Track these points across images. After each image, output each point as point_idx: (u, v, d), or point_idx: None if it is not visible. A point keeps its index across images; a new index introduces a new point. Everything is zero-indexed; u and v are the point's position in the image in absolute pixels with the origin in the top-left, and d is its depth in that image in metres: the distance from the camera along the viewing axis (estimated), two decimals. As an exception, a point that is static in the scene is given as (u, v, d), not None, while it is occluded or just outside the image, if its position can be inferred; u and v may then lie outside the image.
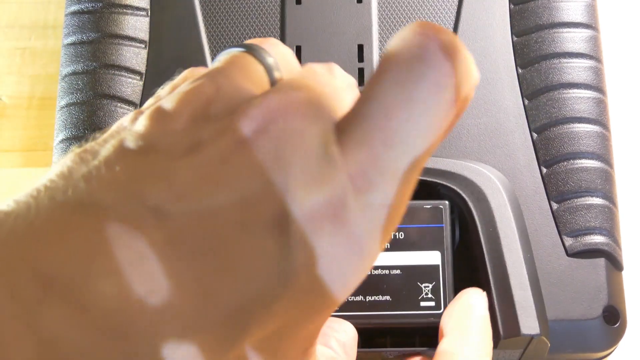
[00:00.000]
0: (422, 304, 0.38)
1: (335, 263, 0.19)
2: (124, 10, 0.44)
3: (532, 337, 0.37)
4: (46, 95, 0.54)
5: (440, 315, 0.37)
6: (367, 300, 0.38)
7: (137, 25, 0.44)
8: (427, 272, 0.38)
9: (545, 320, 0.38)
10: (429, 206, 0.39)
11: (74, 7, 0.44)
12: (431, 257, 0.38)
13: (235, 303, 0.18)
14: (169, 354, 0.17)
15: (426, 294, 0.38)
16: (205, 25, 0.45)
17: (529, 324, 0.37)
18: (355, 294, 0.40)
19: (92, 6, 0.44)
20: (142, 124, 0.19)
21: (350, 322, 0.35)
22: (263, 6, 0.45)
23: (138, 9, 0.45)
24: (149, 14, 0.45)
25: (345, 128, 0.19)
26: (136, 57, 0.44)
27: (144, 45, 0.44)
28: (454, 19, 0.44)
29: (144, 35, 0.44)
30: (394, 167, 0.19)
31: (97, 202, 0.17)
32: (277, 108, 0.19)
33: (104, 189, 0.18)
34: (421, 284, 0.38)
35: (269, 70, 0.22)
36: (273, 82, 0.22)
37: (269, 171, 0.18)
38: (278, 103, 0.19)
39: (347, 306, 0.37)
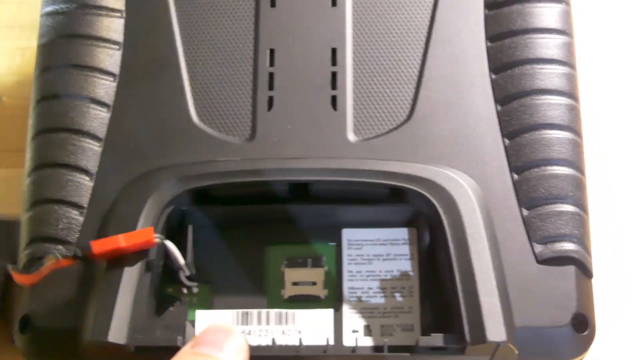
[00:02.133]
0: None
1: None
2: (99, 11, 0.44)
3: (498, 344, 0.37)
4: None
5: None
6: None
7: (112, 27, 0.44)
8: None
9: (512, 327, 0.38)
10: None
11: (49, 8, 0.45)
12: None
13: None
14: None
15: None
16: (180, 27, 0.45)
17: (495, 330, 0.37)
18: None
19: (67, 7, 0.44)
20: None
21: None
22: (237, 9, 0.45)
23: (113, 10, 0.45)
24: (124, 16, 0.45)
25: None
26: (110, 58, 0.44)
27: (118, 47, 0.44)
28: (428, 24, 0.44)
29: (119, 36, 0.44)
30: None
31: None
32: None
33: None
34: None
35: None
36: None
37: None
38: None
39: None
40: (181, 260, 0.40)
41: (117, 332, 0.37)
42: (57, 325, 0.39)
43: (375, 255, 0.42)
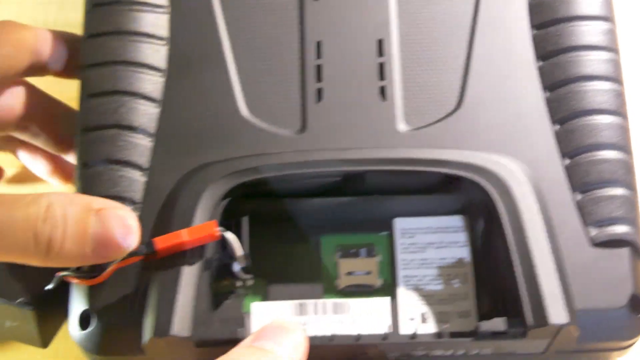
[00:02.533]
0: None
1: None
2: (144, 7, 0.44)
3: (560, 326, 0.37)
4: (33, 80, 0.54)
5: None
6: None
7: (157, 22, 0.44)
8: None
9: (573, 310, 0.38)
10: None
11: (94, 4, 0.44)
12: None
13: None
14: None
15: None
16: (225, 21, 0.45)
17: (557, 313, 0.37)
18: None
19: (112, 4, 0.44)
20: None
21: None
22: (282, 2, 0.45)
23: (157, 5, 0.45)
24: (168, 11, 0.45)
25: None
26: (157, 53, 0.44)
27: (164, 42, 0.44)
28: (472, 12, 0.44)
29: (164, 32, 0.44)
30: None
31: None
32: None
33: None
34: None
35: None
36: None
37: None
38: None
39: None
40: (239, 252, 0.40)
41: (180, 326, 0.38)
42: (118, 320, 0.39)
43: (428, 243, 0.42)
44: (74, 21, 0.46)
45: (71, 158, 0.50)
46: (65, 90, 0.48)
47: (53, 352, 0.48)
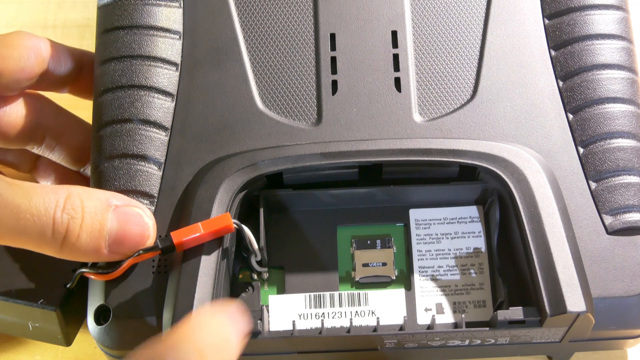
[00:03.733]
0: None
1: None
2: (158, 1, 0.44)
3: (578, 314, 0.37)
4: (46, 95, 0.54)
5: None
6: None
7: (172, 17, 0.44)
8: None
9: (590, 298, 0.38)
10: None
11: (106, 0, 0.44)
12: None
13: None
14: None
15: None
16: (238, 14, 0.45)
17: (574, 301, 0.37)
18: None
19: (125, -2, 0.44)
20: None
21: None
22: (295, -6, 0.45)
23: (171, 0, 0.45)
24: (182, 5, 0.45)
25: None
26: (172, 48, 0.44)
27: (178, 36, 0.44)
28: (485, 3, 0.44)
29: (178, 26, 0.44)
30: None
31: None
32: None
33: None
34: None
35: None
36: None
37: None
38: None
39: None
40: (256, 245, 0.40)
41: (200, 319, 0.38)
42: (135, 315, 0.39)
43: (443, 234, 0.42)
44: (73, 21, 0.47)
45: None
46: (73, 98, 0.48)
47: (53, 352, 0.48)
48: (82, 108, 0.48)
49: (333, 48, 0.44)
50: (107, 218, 0.37)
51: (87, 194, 0.37)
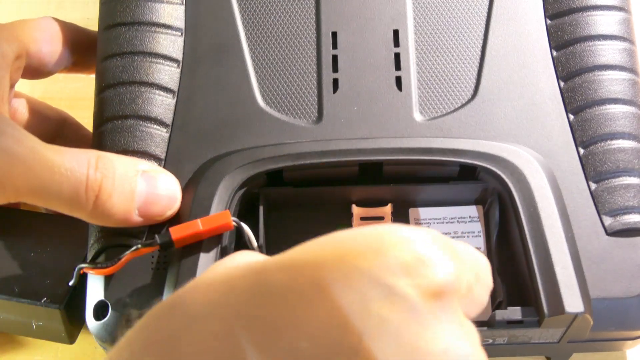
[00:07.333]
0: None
1: None
2: (159, -2, 0.45)
3: (576, 315, 0.37)
4: (46, 95, 0.54)
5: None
6: None
7: (173, 14, 0.44)
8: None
9: (588, 299, 0.38)
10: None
11: (108, -4, 0.45)
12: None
13: None
14: None
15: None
16: (240, 11, 0.45)
17: (573, 302, 0.37)
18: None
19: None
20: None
21: None
22: (297, -8, 0.45)
23: (173, -4, 0.45)
24: (184, 2, 0.45)
25: None
26: (173, 44, 0.44)
27: (180, 33, 0.44)
28: (487, 3, 0.44)
29: (180, 23, 0.44)
30: None
31: None
32: None
33: None
34: None
35: None
36: None
37: None
38: None
39: None
40: (255, 243, 0.40)
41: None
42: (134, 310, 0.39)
43: (443, 233, 0.42)
44: (72, 20, 0.47)
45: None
46: (73, 98, 0.48)
47: (53, 351, 0.48)
48: (82, 108, 0.48)
49: (335, 46, 0.44)
50: (137, 181, 0.37)
51: (115, 157, 0.38)
